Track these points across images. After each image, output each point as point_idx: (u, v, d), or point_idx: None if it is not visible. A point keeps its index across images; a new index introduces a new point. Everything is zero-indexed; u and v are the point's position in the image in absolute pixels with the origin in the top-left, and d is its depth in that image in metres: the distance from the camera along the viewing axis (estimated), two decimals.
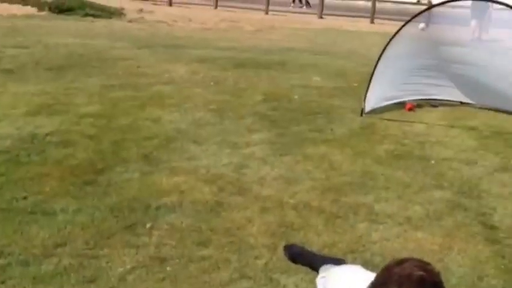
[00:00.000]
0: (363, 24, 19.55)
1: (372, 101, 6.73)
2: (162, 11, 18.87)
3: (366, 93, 6.60)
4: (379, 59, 6.45)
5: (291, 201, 4.19)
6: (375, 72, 6.49)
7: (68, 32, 12.33)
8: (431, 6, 6.98)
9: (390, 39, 6.44)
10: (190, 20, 16.57)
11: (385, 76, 6.66)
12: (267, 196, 4.26)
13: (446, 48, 6.87)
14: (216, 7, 22.20)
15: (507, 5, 5.55)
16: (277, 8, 22.31)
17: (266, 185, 4.47)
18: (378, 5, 22.12)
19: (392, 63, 6.66)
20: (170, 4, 21.95)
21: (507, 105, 6.76)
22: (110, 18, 16.01)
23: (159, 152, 5.04)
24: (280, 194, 4.31)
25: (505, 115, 6.84)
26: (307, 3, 25.61)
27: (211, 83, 7.96)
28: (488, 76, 6.58)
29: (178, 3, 22.12)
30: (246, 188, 4.38)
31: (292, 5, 24.97)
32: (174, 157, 4.95)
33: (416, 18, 6.36)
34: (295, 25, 17.91)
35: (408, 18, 6.34)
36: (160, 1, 22.33)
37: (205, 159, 4.95)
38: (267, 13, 21.76)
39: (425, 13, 6.57)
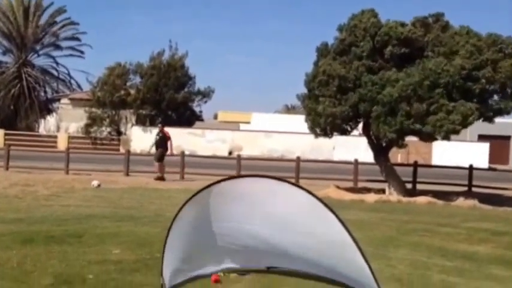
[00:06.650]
0: (173, 181, 20.08)
1: (172, 274, 6.70)
2: None
3: (161, 266, 6.59)
4: (171, 225, 6.53)
5: None
6: (168, 240, 6.53)
7: None
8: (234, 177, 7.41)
9: (186, 201, 6.61)
10: None
11: (181, 244, 6.72)
12: None
13: (246, 208, 7.12)
14: (7, 168, 21.43)
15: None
16: (80, 166, 22.19)
17: None
18: (188, 159, 23.13)
19: (188, 229, 6.76)
20: None
21: (313, 268, 7.12)
22: None
23: None
24: None
25: (313, 281, 7.17)
26: None
27: None
28: (288, 240, 6.94)
29: None
30: None
31: None
32: None
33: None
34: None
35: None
36: None
37: None
38: (67, 173, 21.49)
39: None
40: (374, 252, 8.34)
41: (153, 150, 22.26)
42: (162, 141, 21.44)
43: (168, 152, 21.59)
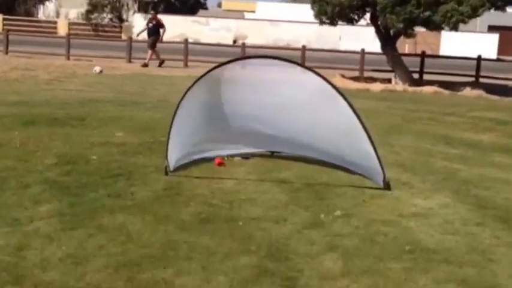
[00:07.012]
0: (176, 69, 19.92)
1: (177, 156, 6.77)
2: None
3: (166, 149, 6.65)
4: (177, 108, 6.54)
5: (78, 285, 3.99)
6: (174, 123, 6.56)
7: None
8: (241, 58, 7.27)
9: (190, 87, 6.59)
10: None
11: (187, 128, 6.75)
12: (50, 282, 4.01)
13: (253, 93, 7.03)
14: (6, 53, 21.22)
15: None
16: (81, 52, 21.96)
17: (49, 268, 4.21)
18: (191, 46, 22.84)
19: (194, 113, 6.77)
20: None
21: (317, 154, 7.16)
22: None
23: None
24: (66, 277, 4.08)
25: (316, 166, 7.24)
26: None
27: None
28: (295, 126, 6.94)
29: None
30: (24, 275, 4.09)
31: None
32: None
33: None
34: None
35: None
36: None
37: None
38: (68, 58, 21.31)
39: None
40: (379, 140, 8.29)
41: (142, 36, 22.24)
42: (155, 29, 21.19)
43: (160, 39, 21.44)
